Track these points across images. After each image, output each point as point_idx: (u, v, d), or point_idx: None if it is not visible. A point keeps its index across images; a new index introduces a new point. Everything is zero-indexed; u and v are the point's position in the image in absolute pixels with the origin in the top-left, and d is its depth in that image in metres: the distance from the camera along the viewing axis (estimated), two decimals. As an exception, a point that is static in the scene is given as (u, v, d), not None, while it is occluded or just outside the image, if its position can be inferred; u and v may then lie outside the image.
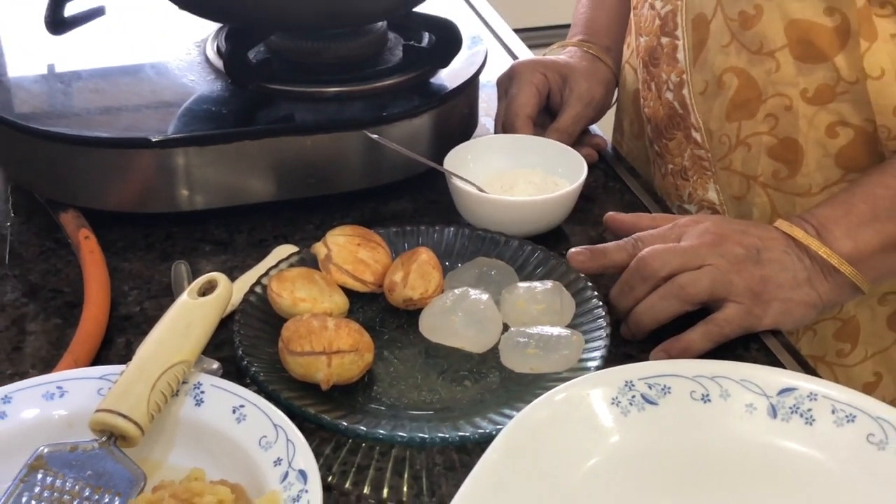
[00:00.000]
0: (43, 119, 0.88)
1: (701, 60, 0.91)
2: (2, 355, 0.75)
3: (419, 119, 0.92)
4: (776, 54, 0.85)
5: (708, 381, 0.67)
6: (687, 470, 0.64)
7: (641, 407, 0.66)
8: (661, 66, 0.97)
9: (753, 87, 0.88)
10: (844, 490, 0.62)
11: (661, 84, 0.97)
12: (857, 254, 0.79)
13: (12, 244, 0.86)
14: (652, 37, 0.97)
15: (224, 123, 0.89)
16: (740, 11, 0.86)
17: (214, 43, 0.98)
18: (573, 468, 0.62)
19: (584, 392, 0.65)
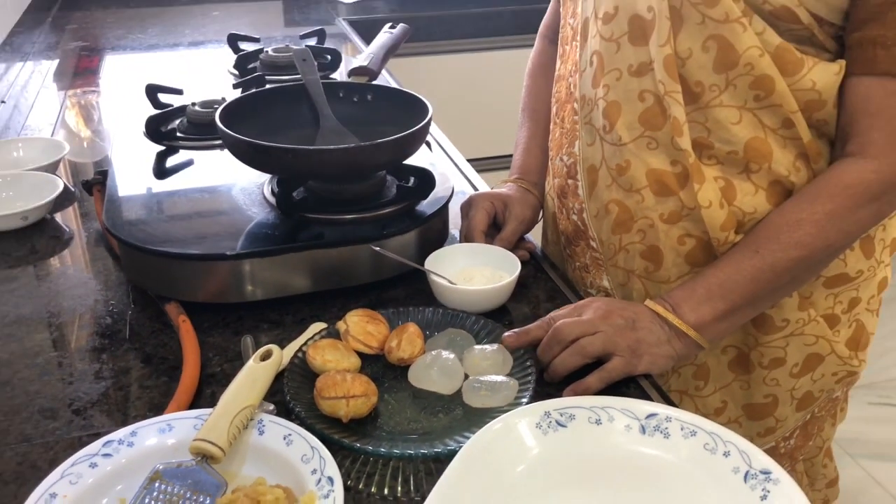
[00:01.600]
0: (154, 241, 0.88)
1: (594, 195, 0.92)
2: (129, 403, 0.76)
3: (408, 235, 0.93)
4: (641, 191, 0.87)
5: (599, 410, 0.70)
6: (585, 471, 0.67)
7: (556, 429, 0.69)
8: (568, 198, 0.98)
9: (628, 212, 0.89)
10: (688, 480, 0.65)
11: (569, 210, 0.98)
12: (699, 323, 0.80)
13: (132, 326, 0.87)
14: (562, 178, 0.98)
15: (276, 241, 0.89)
16: (617, 164, 0.88)
17: (269, 186, 0.98)
18: (508, 472, 0.65)
19: (515, 420, 0.68)
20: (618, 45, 0.84)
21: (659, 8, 0.79)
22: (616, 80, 0.85)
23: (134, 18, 2.20)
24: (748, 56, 0.78)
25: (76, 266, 1.01)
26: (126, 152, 1.12)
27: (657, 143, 0.84)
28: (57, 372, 0.81)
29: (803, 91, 0.79)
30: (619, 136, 0.86)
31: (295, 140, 0.94)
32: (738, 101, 0.81)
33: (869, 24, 0.75)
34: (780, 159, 0.82)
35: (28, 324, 0.89)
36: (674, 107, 0.81)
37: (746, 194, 0.84)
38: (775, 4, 0.76)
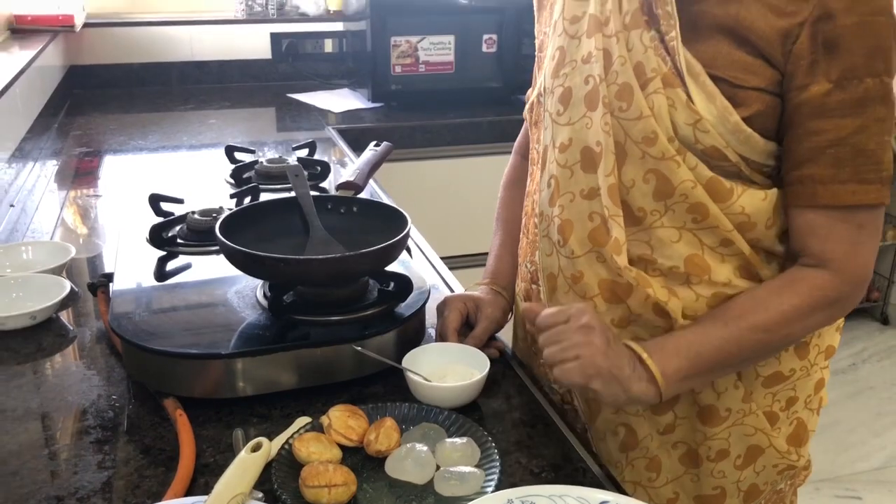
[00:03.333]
0: (155, 340, 0.95)
1: (554, 299, 0.98)
2: (129, 492, 0.81)
3: (387, 335, 0.99)
4: (594, 298, 0.93)
5: (557, 498, 0.75)
6: None
7: (517, 515, 0.75)
8: (532, 300, 1.07)
9: None
10: None
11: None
12: (663, 375, 0.85)
13: (132, 419, 0.93)
14: (527, 283, 1.07)
15: (266, 341, 0.96)
16: (571, 273, 0.94)
17: (262, 290, 1.05)
18: None
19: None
20: (571, 172, 0.93)
21: (606, 143, 0.89)
22: (570, 201, 0.94)
23: (135, 125, 2.33)
24: (683, 187, 0.87)
25: (80, 363, 1.08)
26: (129, 256, 1.20)
27: (604, 258, 0.92)
28: (62, 462, 0.87)
29: (735, 215, 0.88)
30: (571, 250, 0.94)
31: (287, 248, 1.03)
32: (677, 223, 0.89)
33: (806, 164, 0.85)
34: (718, 272, 0.90)
35: (35, 417, 0.95)
36: (615, 229, 0.90)
37: (688, 301, 0.91)
38: (706, 144, 0.86)
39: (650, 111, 0.87)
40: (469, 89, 2.52)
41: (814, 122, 0.84)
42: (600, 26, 0.90)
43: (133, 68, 2.71)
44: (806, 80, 0.83)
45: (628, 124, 0.88)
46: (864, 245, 0.86)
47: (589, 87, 0.91)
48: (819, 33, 0.81)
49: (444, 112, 2.43)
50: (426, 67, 2.47)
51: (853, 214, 0.85)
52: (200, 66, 2.76)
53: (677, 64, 0.86)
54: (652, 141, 0.87)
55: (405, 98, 2.49)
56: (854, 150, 0.83)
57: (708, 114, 0.85)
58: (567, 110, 0.93)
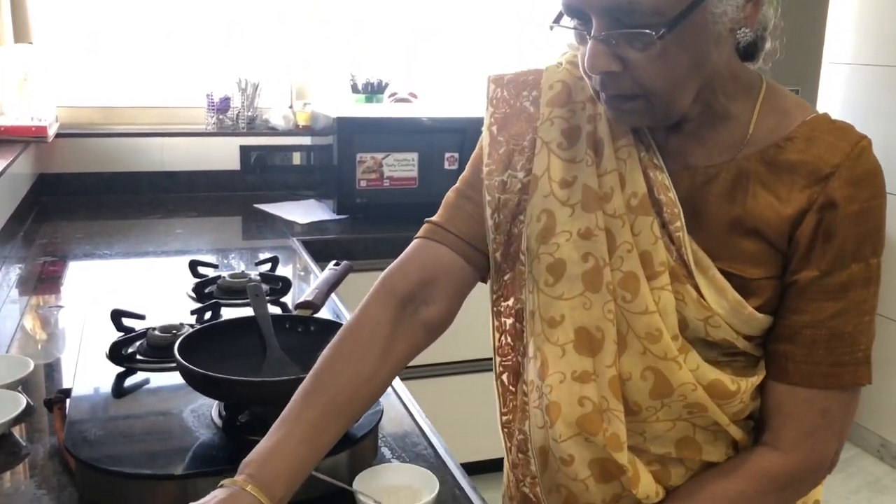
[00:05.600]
0: (109, 461, 0.96)
1: (546, 474, 0.92)
2: None
3: (340, 455, 1.00)
4: (585, 480, 0.88)
5: None
6: None
7: None
8: (518, 470, 0.99)
9: (574, 497, 0.90)
10: None
11: (519, 480, 0.99)
12: None
13: None
14: (515, 452, 0.99)
15: (219, 462, 0.97)
16: (560, 456, 0.88)
17: (217, 409, 1.07)
18: None
19: None
20: (563, 351, 0.87)
21: (608, 331, 0.85)
22: (559, 381, 0.87)
23: (101, 233, 2.36)
24: (682, 389, 0.84)
25: (31, 481, 1.07)
26: (88, 371, 1.22)
27: (595, 444, 0.86)
28: (7, 588, 0.86)
29: (733, 406, 0.87)
30: (559, 433, 0.87)
31: (244, 368, 1.07)
32: (672, 416, 0.87)
33: (782, 341, 0.85)
34: (711, 452, 0.89)
35: (-19, 540, 0.95)
36: (615, 423, 0.85)
37: (680, 476, 0.90)
38: (716, 338, 0.84)
39: (655, 307, 0.83)
40: (432, 203, 2.48)
41: (795, 302, 0.83)
42: (600, 202, 0.86)
43: (102, 177, 2.76)
44: (799, 265, 0.82)
45: (632, 317, 0.84)
46: (825, 430, 0.85)
47: (588, 265, 0.86)
48: (822, 221, 0.80)
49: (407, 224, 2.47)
50: (390, 182, 2.56)
51: (821, 397, 0.84)
52: (170, 176, 2.83)
53: (684, 256, 0.83)
54: (655, 338, 0.83)
55: (370, 210, 2.57)
56: (830, 333, 0.82)
57: (720, 308, 0.83)
58: (559, 283, 0.87)
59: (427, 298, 0.93)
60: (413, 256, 0.96)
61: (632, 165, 0.86)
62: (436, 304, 0.94)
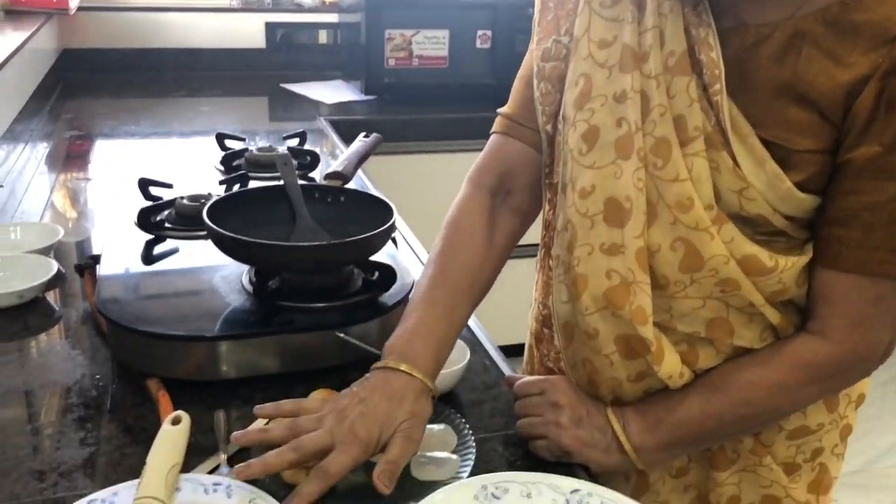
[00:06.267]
0: (140, 322, 0.96)
1: (571, 349, 0.90)
2: (111, 468, 0.83)
3: (371, 323, 1.00)
4: (610, 356, 0.86)
5: (531, 485, 0.78)
6: None
7: (491, 500, 0.76)
8: (543, 345, 1.01)
9: (598, 372, 0.88)
10: None
11: (543, 355, 1.01)
12: (640, 446, 0.86)
13: (115, 398, 0.95)
14: (539, 325, 1.02)
15: (250, 326, 0.97)
16: (585, 329, 0.86)
17: (247, 275, 1.07)
18: None
19: (455, 492, 0.77)
20: (592, 223, 0.84)
21: (637, 201, 0.81)
22: (587, 254, 0.84)
23: (126, 110, 2.33)
24: (714, 262, 0.80)
25: (65, 342, 1.09)
26: (117, 239, 1.21)
27: (621, 318, 0.84)
28: (45, 438, 0.88)
29: (771, 285, 0.81)
30: (585, 306, 0.85)
31: (273, 235, 1.04)
32: (703, 294, 0.82)
33: (835, 225, 0.78)
34: (743, 335, 0.84)
35: (20, 394, 0.97)
36: (640, 296, 0.82)
37: (709, 359, 0.86)
38: (751, 212, 0.79)
39: (688, 174, 0.79)
40: (462, 85, 2.54)
41: (852, 182, 0.76)
42: (638, 62, 0.81)
43: (126, 53, 2.71)
44: (857, 140, 0.75)
45: (663, 185, 0.80)
46: (877, 319, 0.80)
47: (622, 131, 0.82)
48: (886, 90, 0.72)
49: (436, 107, 2.45)
50: (419, 61, 2.49)
51: (875, 284, 0.78)
52: (194, 54, 2.77)
53: (722, 122, 0.78)
54: (686, 207, 0.79)
55: (398, 91, 2.51)
56: (891, 216, 0.76)
57: (756, 180, 0.78)
58: (591, 151, 0.84)
59: (511, 189, 0.98)
60: (490, 152, 1.00)
61: (674, 21, 0.80)
62: (519, 193, 0.98)
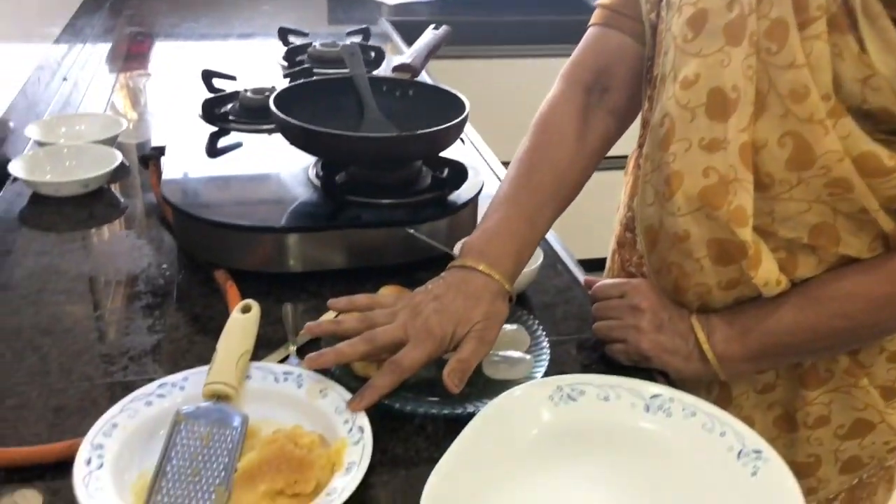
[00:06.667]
0: (206, 210, 0.95)
1: (655, 252, 0.85)
2: (179, 355, 0.82)
3: (440, 222, 0.98)
4: (700, 259, 0.80)
5: (608, 388, 0.75)
6: (592, 441, 0.72)
7: (567, 402, 0.74)
8: (625, 250, 0.96)
9: (686, 277, 0.83)
10: (686, 456, 0.70)
11: (625, 261, 0.97)
12: (724, 356, 0.81)
13: (182, 289, 0.94)
14: (621, 229, 0.98)
15: (318, 220, 0.96)
16: (674, 232, 0.81)
17: (314, 169, 1.04)
18: (522, 435, 0.71)
19: (531, 390, 0.75)
20: (693, 115, 0.77)
21: (745, 90, 0.74)
22: (684, 150, 0.78)
23: (188, 7, 2.29)
24: (825, 159, 0.73)
25: (130, 232, 1.09)
26: (181, 131, 1.19)
27: (715, 220, 0.78)
28: (114, 324, 0.88)
29: (887, 189, 0.74)
30: (677, 206, 0.79)
31: (340, 128, 1.00)
32: (809, 196, 0.76)
33: None
34: (851, 243, 0.77)
35: (87, 281, 0.97)
36: (741, 195, 0.76)
37: (809, 267, 0.79)
38: (873, 105, 0.71)
39: (805, 60, 0.71)
40: None
41: None
42: None
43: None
44: None
45: (776, 72, 0.73)
46: None
47: (733, 14, 0.75)
48: None
49: (503, 9, 2.35)
50: (487, -40, 2.38)
51: None
52: (253, -49, 2.69)
53: (849, 1, 0.70)
54: (801, 97, 0.72)
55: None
56: None
57: (884, 68, 0.69)
58: (697, 38, 0.77)
59: (608, 86, 0.92)
60: (587, 46, 0.94)
61: None
62: (617, 91, 0.92)
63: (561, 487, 0.69)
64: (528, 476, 0.69)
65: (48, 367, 0.80)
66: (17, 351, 0.82)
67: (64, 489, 0.65)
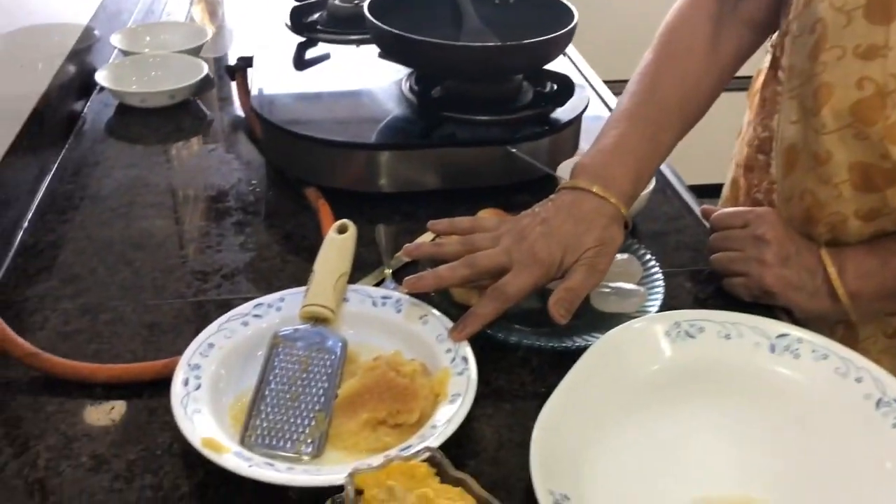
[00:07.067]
0: (297, 125, 0.91)
1: (790, 178, 0.78)
2: (273, 273, 0.80)
3: (541, 141, 0.93)
4: (840, 185, 0.74)
5: (730, 325, 0.70)
6: (714, 382, 0.67)
7: (684, 339, 0.69)
8: (754, 174, 0.89)
9: (819, 205, 0.76)
10: (817, 402, 0.65)
11: (752, 187, 0.90)
12: (856, 293, 0.75)
13: (272, 206, 0.91)
14: (751, 150, 0.90)
15: (411, 137, 0.91)
16: (815, 152, 0.74)
17: (407, 83, 0.99)
18: (641, 370, 0.67)
19: (648, 325, 0.70)
20: (848, 18, 0.69)
21: None
22: (837, 58, 0.70)
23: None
24: None
25: (218, 147, 1.06)
26: (268, 41, 1.14)
27: (866, 138, 0.71)
28: (205, 240, 0.86)
29: None
30: (822, 123, 0.72)
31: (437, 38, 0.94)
32: None
33: None
34: None
35: (176, 194, 0.95)
36: None
37: None
38: None
39: None
40: None
41: None
42: None
43: None
44: None
45: None
46: None
47: None
48: None
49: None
50: None
51: None
52: None
53: None
54: None
55: None
56: None
57: None
58: None
59: None
60: None
61: None
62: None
63: (680, 431, 0.64)
64: (644, 417, 0.64)
65: (141, 282, 0.79)
66: (110, 265, 0.81)
67: (160, 409, 0.64)
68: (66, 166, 0.99)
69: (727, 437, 0.64)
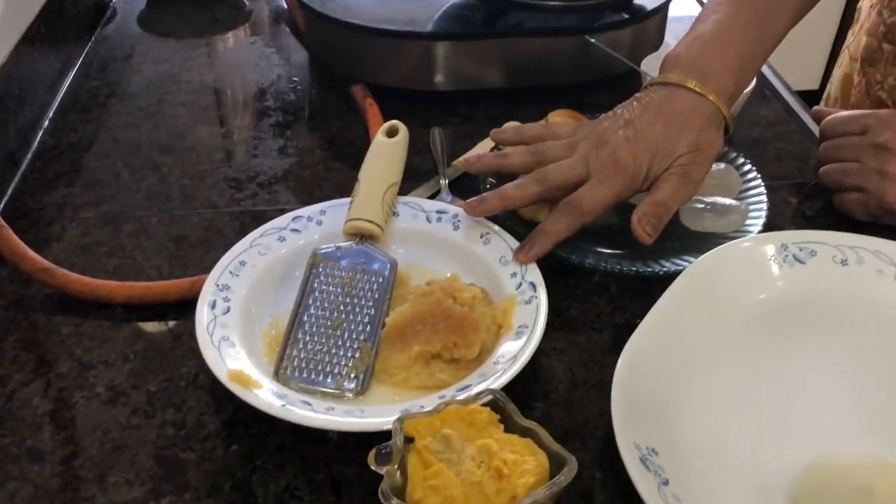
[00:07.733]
0: (343, 12, 0.82)
1: None
2: (315, 183, 0.72)
3: (623, 31, 0.82)
4: None
5: (847, 249, 0.60)
6: (825, 315, 0.57)
7: (792, 264, 0.59)
8: (876, 68, 0.78)
9: None
10: None
11: (874, 84, 0.80)
12: None
13: (315, 106, 0.83)
14: (874, 40, 0.79)
15: (472, 26, 0.81)
16: None
17: (468, -36, 0.88)
18: (742, 301, 0.57)
19: (756, 247, 0.59)
20: None
21: None
22: None
23: None
24: None
25: (258, 39, 0.97)
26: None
27: None
28: (241, 143, 0.78)
29: None
30: None
31: None
32: None
33: None
34: None
35: (210, 92, 0.86)
36: None
37: None
38: None
39: None
40: None
41: None
42: None
43: None
44: None
45: None
46: None
47: None
48: None
49: None
50: None
51: None
52: None
53: None
54: None
55: None
56: None
57: None
58: None
59: None
60: None
61: None
62: None
63: (789, 376, 0.54)
64: (746, 357, 0.55)
65: (168, 190, 0.71)
66: (136, 170, 0.73)
67: (186, 334, 0.57)
68: (91, 61, 0.91)
69: (845, 383, 0.54)
